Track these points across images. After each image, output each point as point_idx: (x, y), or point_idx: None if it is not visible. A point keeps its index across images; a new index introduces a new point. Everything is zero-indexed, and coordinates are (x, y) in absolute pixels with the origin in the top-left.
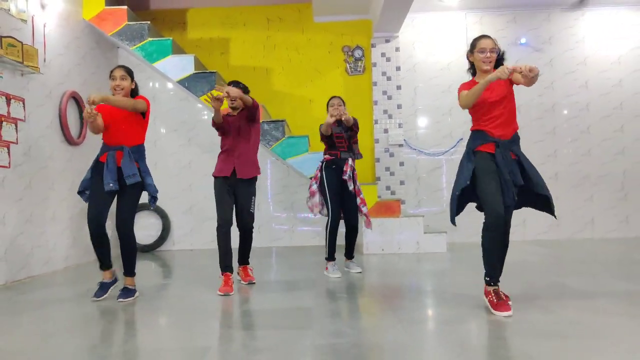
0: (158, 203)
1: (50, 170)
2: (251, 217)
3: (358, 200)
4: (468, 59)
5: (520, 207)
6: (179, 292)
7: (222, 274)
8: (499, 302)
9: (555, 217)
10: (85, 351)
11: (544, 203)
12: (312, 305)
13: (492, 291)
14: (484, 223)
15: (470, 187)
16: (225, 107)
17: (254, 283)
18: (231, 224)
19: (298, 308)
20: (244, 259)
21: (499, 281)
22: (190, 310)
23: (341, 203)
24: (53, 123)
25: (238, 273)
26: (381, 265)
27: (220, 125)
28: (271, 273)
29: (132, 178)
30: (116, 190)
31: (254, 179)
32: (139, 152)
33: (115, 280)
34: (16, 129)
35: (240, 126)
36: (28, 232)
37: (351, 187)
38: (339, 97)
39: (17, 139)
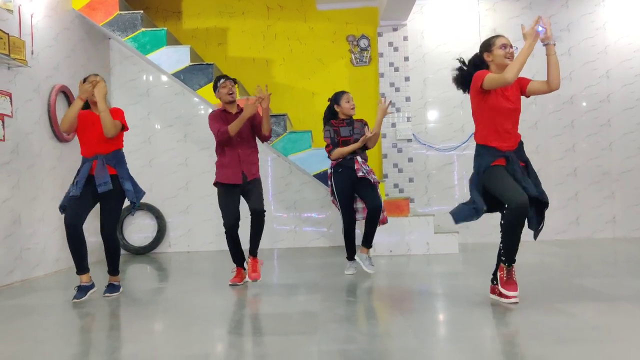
0: (153, 203)
1: (39, 169)
2: (262, 198)
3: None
4: (482, 59)
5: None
6: (176, 296)
7: (235, 268)
8: (509, 280)
9: (535, 236)
10: (78, 358)
11: (540, 214)
12: (318, 309)
13: (505, 268)
14: (507, 210)
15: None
16: (217, 102)
17: (258, 280)
18: (237, 227)
19: (303, 312)
20: (254, 248)
21: (514, 261)
22: (188, 315)
23: (353, 202)
24: (42, 118)
25: (247, 265)
26: (390, 267)
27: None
28: (274, 276)
29: (103, 186)
30: (97, 197)
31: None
32: (116, 158)
33: (92, 285)
34: (3, 125)
35: (242, 131)
36: (16, 234)
37: (373, 179)
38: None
39: (4, 135)
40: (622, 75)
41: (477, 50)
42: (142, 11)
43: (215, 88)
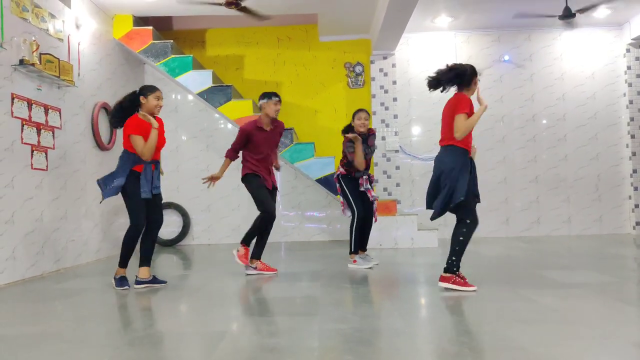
0: (179, 202)
1: (83, 173)
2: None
3: (375, 206)
4: (463, 81)
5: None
6: (198, 282)
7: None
8: (465, 282)
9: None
10: (115, 334)
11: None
12: (319, 294)
13: (459, 274)
14: (468, 224)
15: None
16: (235, 117)
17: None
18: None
19: (306, 296)
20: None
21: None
22: (208, 298)
23: (366, 206)
24: (86, 130)
25: (256, 267)
26: (380, 258)
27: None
28: (281, 265)
29: (157, 189)
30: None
31: None
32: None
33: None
34: (53, 135)
35: (274, 141)
36: (63, 228)
37: (371, 196)
38: (366, 111)
39: (53, 144)
40: (576, 97)
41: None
42: (172, 41)
43: (263, 98)
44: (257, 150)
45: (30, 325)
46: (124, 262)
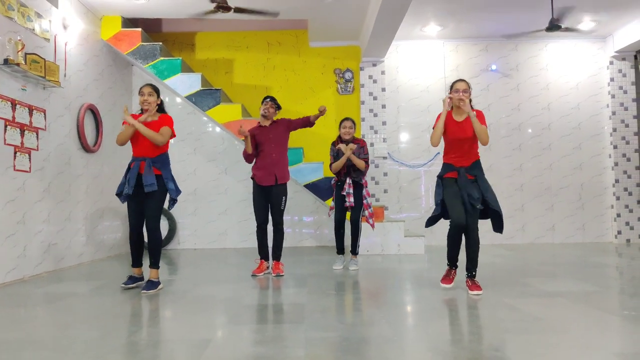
0: (165, 205)
1: (68, 175)
2: (280, 213)
3: (366, 213)
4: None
5: (481, 218)
6: (184, 288)
7: (259, 260)
8: (445, 277)
9: (501, 232)
10: (97, 341)
11: (496, 218)
12: (305, 301)
13: (447, 269)
14: (449, 228)
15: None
16: (224, 122)
17: (282, 275)
18: (266, 223)
19: (292, 303)
20: (275, 255)
21: (452, 265)
22: (194, 305)
23: (343, 211)
24: (71, 132)
25: (271, 267)
26: (366, 265)
27: (251, 155)
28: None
29: (149, 187)
30: (142, 194)
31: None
32: (161, 161)
33: (142, 279)
34: (37, 137)
35: (277, 135)
36: (46, 231)
37: (349, 201)
38: (351, 120)
39: (37, 146)
40: (561, 108)
41: (441, 83)
42: (160, 43)
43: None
44: (263, 147)
45: (10, 331)
46: (132, 261)
